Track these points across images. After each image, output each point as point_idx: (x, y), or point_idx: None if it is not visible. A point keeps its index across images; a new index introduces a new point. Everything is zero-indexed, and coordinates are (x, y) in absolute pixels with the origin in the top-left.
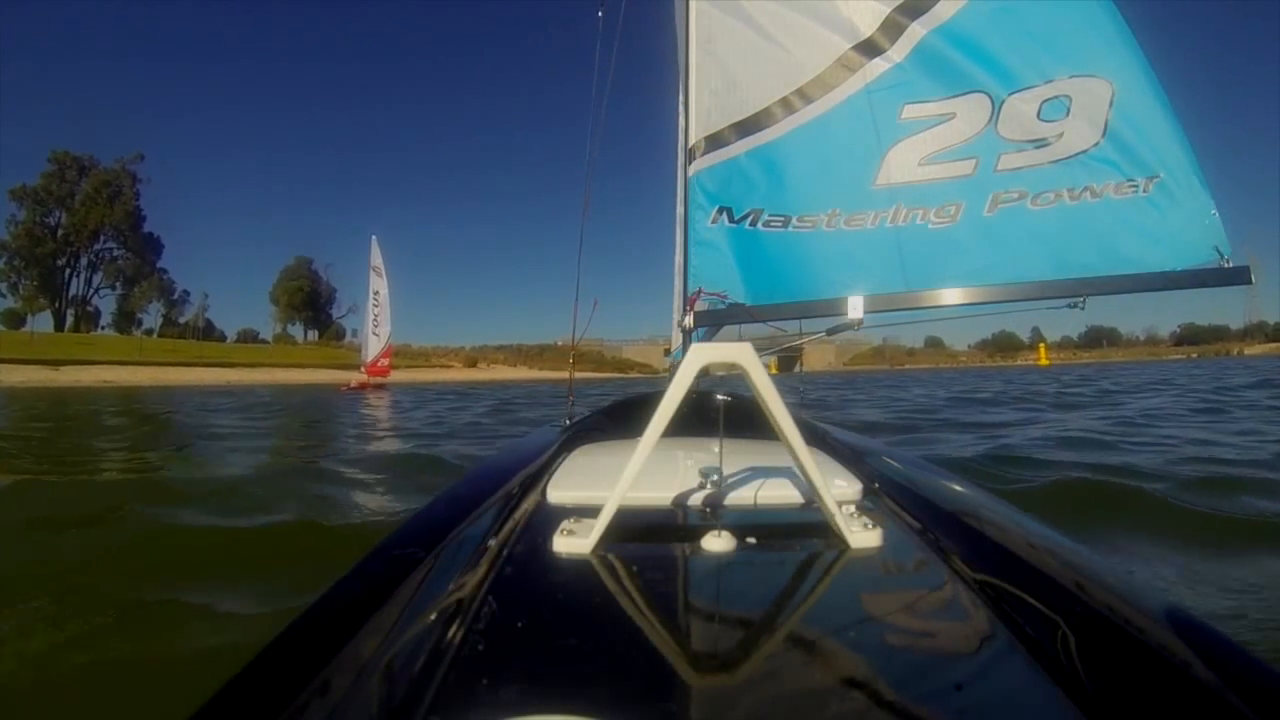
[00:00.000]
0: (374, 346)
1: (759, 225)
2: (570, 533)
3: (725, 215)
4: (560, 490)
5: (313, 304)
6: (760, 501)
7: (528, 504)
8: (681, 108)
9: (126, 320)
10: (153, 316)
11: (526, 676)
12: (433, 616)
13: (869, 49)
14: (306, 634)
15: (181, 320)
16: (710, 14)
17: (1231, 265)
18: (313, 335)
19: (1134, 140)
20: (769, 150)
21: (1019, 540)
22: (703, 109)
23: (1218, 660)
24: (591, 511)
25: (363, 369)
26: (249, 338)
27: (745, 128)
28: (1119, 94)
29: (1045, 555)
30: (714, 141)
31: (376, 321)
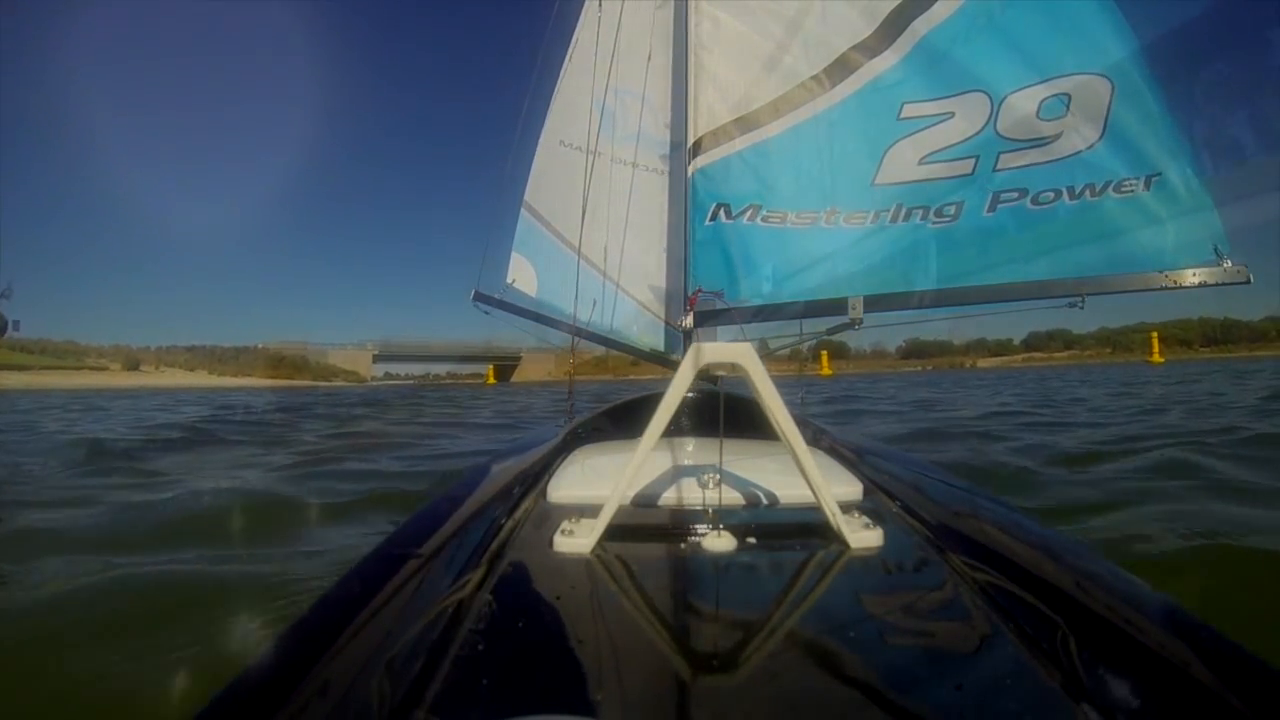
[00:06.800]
0: None
1: (757, 221)
2: (570, 532)
3: (723, 212)
4: (560, 490)
5: None
6: (760, 501)
7: (528, 504)
8: (684, 105)
9: None
10: None
11: (526, 676)
12: (433, 616)
13: (868, 48)
14: (307, 634)
15: None
16: (710, 13)
17: (1230, 265)
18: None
19: (1133, 139)
20: (768, 147)
21: (1019, 540)
22: (703, 106)
23: (1217, 660)
24: (592, 511)
25: None
26: None
27: (744, 125)
28: (1118, 92)
29: (1045, 555)
30: (713, 139)
31: None
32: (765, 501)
